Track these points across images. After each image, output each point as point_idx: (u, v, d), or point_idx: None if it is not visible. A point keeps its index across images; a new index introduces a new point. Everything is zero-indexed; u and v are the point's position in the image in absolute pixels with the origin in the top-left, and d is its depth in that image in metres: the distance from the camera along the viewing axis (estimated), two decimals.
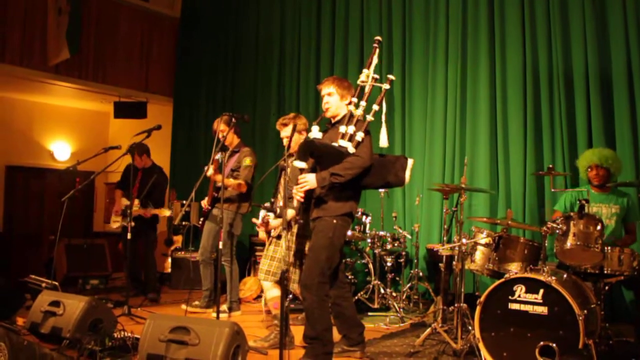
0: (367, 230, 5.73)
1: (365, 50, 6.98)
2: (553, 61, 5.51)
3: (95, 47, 8.36)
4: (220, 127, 5.22)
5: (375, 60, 3.73)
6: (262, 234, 4.55)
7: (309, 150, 3.57)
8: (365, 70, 3.71)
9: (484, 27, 5.97)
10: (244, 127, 4.79)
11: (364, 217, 5.72)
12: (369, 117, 3.62)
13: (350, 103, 3.66)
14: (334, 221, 3.56)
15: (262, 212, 4.40)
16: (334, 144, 3.50)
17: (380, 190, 5.82)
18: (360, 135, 3.51)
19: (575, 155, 5.27)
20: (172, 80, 9.35)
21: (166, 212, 5.93)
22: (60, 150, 9.86)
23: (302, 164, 3.55)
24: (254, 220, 4.60)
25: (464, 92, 6.08)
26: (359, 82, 3.69)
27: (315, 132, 3.62)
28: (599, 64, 5.24)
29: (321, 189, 3.58)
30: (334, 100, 3.72)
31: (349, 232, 5.42)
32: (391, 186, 3.90)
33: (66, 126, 9.93)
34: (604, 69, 5.24)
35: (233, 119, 4.73)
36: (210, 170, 4.89)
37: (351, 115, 3.61)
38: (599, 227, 3.65)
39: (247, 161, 5.26)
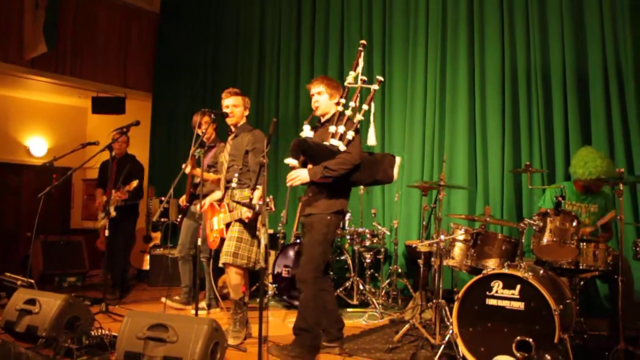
0: (346, 227, 5.74)
1: (344, 47, 7.00)
2: (531, 60, 5.58)
3: (72, 42, 8.25)
4: (203, 121, 5.18)
5: (361, 63, 3.82)
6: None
7: (301, 148, 3.64)
8: (352, 72, 3.79)
9: (463, 26, 6.01)
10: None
11: None
12: (359, 116, 3.71)
13: (338, 103, 3.77)
14: (328, 217, 3.67)
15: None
16: (325, 143, 3.60)
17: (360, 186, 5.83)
18: (350, 134, 3.62)
19: (552, 153, 5.36)
20: (151, 76, 9.27)
21: (134, 184, 5.79)
22: (37, 145, 9.72)
23: (293, 162, 3.64)
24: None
25: (443, 90, 6.12)
26: (346, 83, 3.78)
27: (307, 131, 3.74)
28: (576, 63, 5.32)
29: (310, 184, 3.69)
30: (323, 99, 3.83)
31: None
32: (379, 183, 4.09)
33: (43, 121, 9.79)
34: (580, 68, 5.32)
35: (212, 115, 4.69)
36: (188, 168, 4.86)
37: (340, 115, 3.72)
38: (574, 224, 3.71)
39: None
